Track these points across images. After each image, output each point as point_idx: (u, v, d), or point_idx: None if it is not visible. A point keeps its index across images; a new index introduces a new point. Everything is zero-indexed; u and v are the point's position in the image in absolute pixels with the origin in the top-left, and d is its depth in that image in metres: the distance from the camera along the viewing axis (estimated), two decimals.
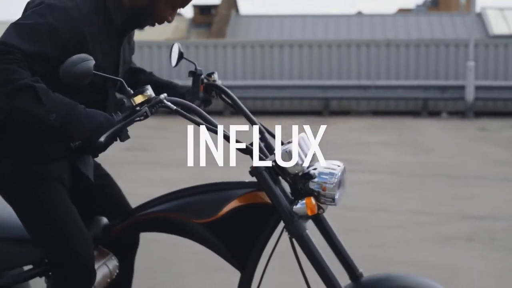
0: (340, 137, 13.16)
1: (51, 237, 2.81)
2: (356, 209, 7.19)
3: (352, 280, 2.86)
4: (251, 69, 18.42)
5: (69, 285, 2.80)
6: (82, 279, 2.81)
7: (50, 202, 2.82)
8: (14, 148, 2.80)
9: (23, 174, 2.80)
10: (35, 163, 2.80)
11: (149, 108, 2.54)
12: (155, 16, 2.81)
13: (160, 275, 5.07)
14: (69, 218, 2.83)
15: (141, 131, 14.37)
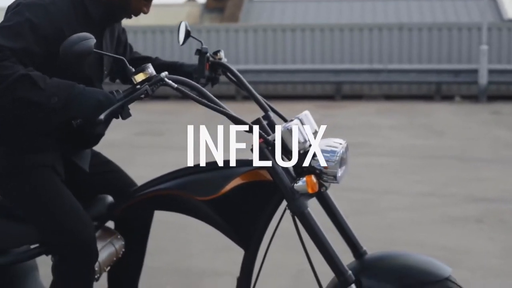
0: (351, 120, 13.14)
1: (48, 222, 2.85)
2: (365, 192, 7.20)
3: (355, 258, 2.87)
4: (263, 54, 18.38)
5: (71, 265, 2.84)
6: (83, 258, 2.84)
7: (43, 188, 2.86)
8: (6, 142, 2.85)
9: (13, 166, 2.86)
10: (24, 153, 2.85)
11: (150, 86, 2.56)
12: (130, 9, 2.87)
13: (167, 256, 5.10)
14: (65, 201, 2.87)
15: (154, 116, 14.50)
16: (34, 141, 2.86)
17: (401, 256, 2.79)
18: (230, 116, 2.64)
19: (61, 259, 2.85)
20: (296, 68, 17.86)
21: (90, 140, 3.02)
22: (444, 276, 2.68)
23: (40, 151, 2.87)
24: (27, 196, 2.86)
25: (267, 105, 3.00)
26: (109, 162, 3.26)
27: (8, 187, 2.89)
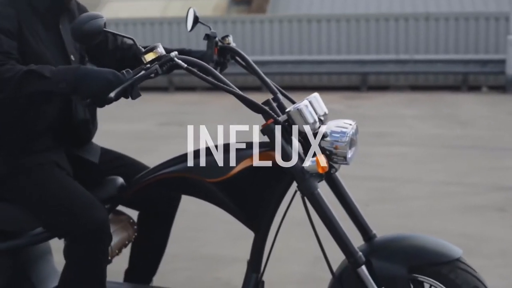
0: (375, 111, 13.07)
1: (59, 213, 2.87)
2: (386, 180, 7.19)
3: (365, 241, 2.88)
4: (288, 44, 18.31)
5: (84, 248, 2.86)
6: (97, 241, 2.86)
7: (48, 183, 2.90)
8: (3, 147, 2.91)
9: (16, 168, 2.90)
10: (24, 156, 2.90)
11: (160, 66, 2.58)
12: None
13: (186, 242, 5.13)
14: (72, 191, 2.91)
15: (180, 106, 14.52)
16: (32, 143, 2.91)
17: (412, 238, 2.79)
18: (239, 96, 2.65)
19: (74, 243, 2.88)
20: (322, 59, 17.76)
21: (83, 134, 3.05)
22: (455, 257, 2.68)
23: (39, 151, 2.93)
24: (33, 194, 2.90)
25: (277, 89, 3.00)
26: (121, 157, 3.30)
27: (12, 190, 2.94)
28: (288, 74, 17.46)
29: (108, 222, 2.90)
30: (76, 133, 3.00)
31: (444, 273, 2.65)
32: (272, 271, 4.46)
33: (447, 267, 2.65)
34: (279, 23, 18.35)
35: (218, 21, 18.38)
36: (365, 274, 2.65)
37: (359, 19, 18.06)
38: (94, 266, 2.89)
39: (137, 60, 2.66)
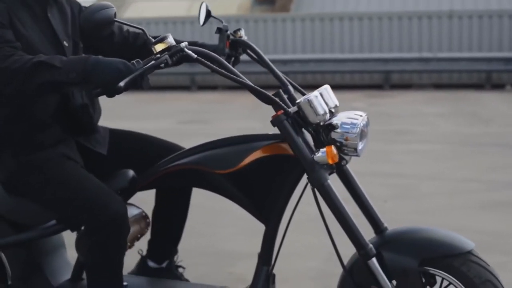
0: (398, 109, 13.02)
1: (75, 206, 2.87)
2: (406, 177, 7.16)
3: (377, 234, 2.85)
4: (310, 43, 18.28)
5: (102, 239, 2.85)
6: (115, 232, 2.86)
7: (61, 176, 2.90)
8: (11, 143, 2.92)
9: (26, 165, 2.91)
10: (32, 152, 2.91)
11: (170, 56, 2.57)
12: None
13: (202, 238, 5.14)
14: (88, 182, 2.91)
15: (202, 105, 14.56)
16: (41, 136, 2.92)
17: (423, 231, 2.76)
18: (249, 87, 2.64)
19: (93, 235, 2.87)
20: (344, 57, 17.73)
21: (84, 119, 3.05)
22: (467, 249, 2.64)
23: (50, 145, 2.94)
24: (46, 189, 2.91)
25: (288, 81, 2.99)
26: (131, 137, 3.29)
27: (25, 186, 2.95)
28: (310, 72, 17.44)
29: (126, 213, 2.90)
30: (77, 119, 3.00)
31: (456, 266, 2.61)
32: (287, 267, 4.47)
33: (459, 259, 2.62)
34: (301, 21, 18.32)
35: (241, 20, 18.40)
36: (375, 267, 2.63)
37: (382, 17, 17.99)
38: (112, 257, 2.89)
39: (147, 51, 2.66)
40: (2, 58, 2.59)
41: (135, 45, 3.20)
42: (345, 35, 18.13)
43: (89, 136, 3.11)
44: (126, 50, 3.18)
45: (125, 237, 2.91)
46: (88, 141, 3.10)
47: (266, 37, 18.25)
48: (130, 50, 3.17)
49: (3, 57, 2.59)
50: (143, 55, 2.67)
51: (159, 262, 3.39)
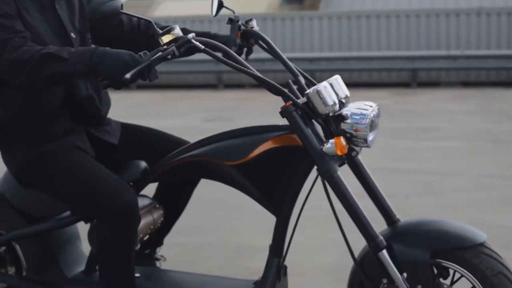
0: (424, 106, 12.93)
1: (87, 197, 2.89)
2: (429, 173, 7.12)
3: (388, 226, 2.82)
4: (337, 41, 18.21)
5: (113, 230, 2.87)
6: (126, 222, 2.87)
7: (73, 167, 2.92)
8: (22, 135, 2.93)
9: (37, 157, 2.93)
10: (42, 144, 2.93)
11: (177, 47, 2.57)
12: None
13: (220, 232, 5.15)
14: (99, 173, 2.92)
15: (227, 103, 14.57)
16: (51, 127, 2.94)
17: (435, 222, 2.73)
18: (258, 78, 2.63)
19: (103, 226, 2.89)
20: (371, 55, 17.65)
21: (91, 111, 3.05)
22: (479, 241, 2.61)
23: (60, 136, 2.95)
24: (58, 181, 2.93)
25: (299, 72, 2.97)
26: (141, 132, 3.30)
27: (38, 178, 2.97)
28: (337, 70, 17.21)
29: (137, 203, 2.91)
30: (84, 110, 3.01)
31: (467, 258, 2.58)
32: (304, 261, 4.46)
33: (471, 252, 2.59)
34: (328, 19, 18.27)
35: (268, 18, 18.40)
36: (386, 259, 2.60)
37: (409, 15, 17.89)
38: (123, 249, 2.90)
39: (155, 42, 2.65)
40: (11, 49, 2.60)
41: (147, 34, 3.20)
42: (372, 33, 18.05)
43: (100, 127, 3.12)
44: (136, 40, 3.18)
45: (136, 228, 2.92)
46: (99, 131, 3.11)
47: (293, 35, 18.22)
48: (141, 39, 3.16)
49: (12, 48, 2.60)
50: (155, 44, 2.66)
51: (143, 247, 3.39)
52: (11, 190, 3.12)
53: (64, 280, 3.18)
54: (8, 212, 3.19)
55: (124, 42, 3.09)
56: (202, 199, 6.02)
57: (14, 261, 3.31)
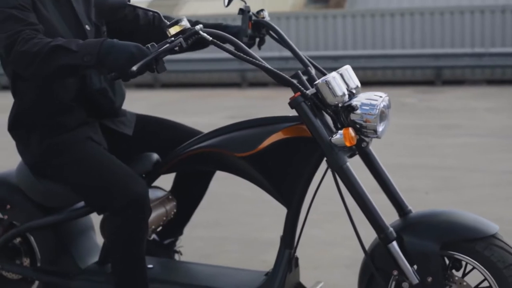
0: (447, 104, 12.84)
1: (98, 188, 2.92)
2: (450, 169, 7.08)
3: (400, 217, 2.81)
4: (361, 39, 18.12)
5: (124, 221, 2.89)
6: (137, 213, 2.89)
7: (86, 158, 2.95)
8: (36, 127, 2.96)
9: (51, 148, 2.96)
10: (56, 135, 2.95)
11: (184, 39, 2.57)
12: None
13: (238, 227, 5.17)
14: (111, 164, 2.95)
15: (249, 101, 14.56)
16: (65, 118, 2.97)
17: (446, 214, 2.71)
18: (266, 69, 2.63)
19: (115, 216, 2.91)
20: (396, 53, 17.52)
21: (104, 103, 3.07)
22: (490, 233, 2.59)
23: (73, 128, 2.97)
24: (71, 172, 2.96)
25: (310, 63, 2.97)
26: (159, 122, 3.32)
27: (51, 169, 3.00)
28: (361, 69, 17.22)
29: (147, 194, 2.93)
30: (97, 103, 3.03)
31: (478, 250, 2.57)
32: (323, 255, 4.47)
33: (482, 243, 2.57)
34: (352, 18, 18.20)
35: (291, 17, 18.38)
36: (396, 250, 2.60)
37: (434, 12, 17.76)
38: (134, 239, 2.92)
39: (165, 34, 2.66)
40: (22, 41, 2.62)
41: (161, 27, 3.21)
42: (397, 30, 17.94)
43: (114, 118, 3.14)
44: (152, 33, 3.20)
45: (147, 219, 2.93)
46: (113, 123, 3.14)
47: (316, 33, 18.18)
48: (156, 33, 3.17)
49: (23, 41, 2.62)
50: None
51: (162, 238, 3.42)
52: (25, 181, 3.15)
53: (77, 271, 3.21)
54: (23, 203, 3.24)
55: (140, 35, 3.10)
56: (221, 195, 6.07)
57: (29, 252, 3.34)
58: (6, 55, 2.68)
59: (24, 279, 3.39)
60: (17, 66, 2.70)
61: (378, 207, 2.62)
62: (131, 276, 2.95)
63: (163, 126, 3.28)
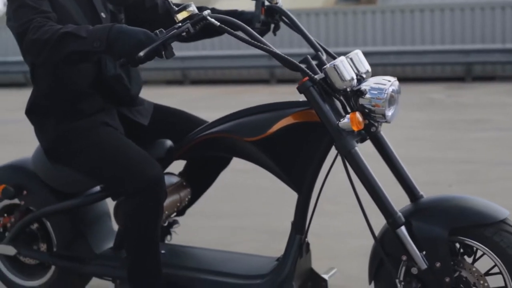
0: (476, 99, 12.73)
1: (115, 171, 2.94)
2: (475, 163, 7.03)
3: (412, 202, 2.80)
4: (391, 35, 18.02)
5: (140, 203, 2.91)
6: (153, 196, 2.91)
7: (102, 143, 2.98)
8: (53, 112, 3.00)
9: (67, 133, 3.00)
10: (72, 121, 2.99)
11: (192, 24, 2.59)
12: None
13: (258, 217, 5.18)
14: (127, 148, 2.98)
15: (275, 96, 14.49)
16: (81, 105, 3.00)
17: (456, 199, 2.70)
18: (275, 54, 2.64)
19: (130, 200, 2.93)
20: (425, 49, 17.41)
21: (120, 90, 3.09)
22: (499, 218, 2.58)
23: (90, 114, 3.01)
24: (86, 157, 2.99)
25: (321, 47, 2.97)
26: (175, 114, 3.35)
27: (67, 154, 3.03)
28: (390, 65, 17.18)
29: (163, 178, 2.95)
30: (112, 89, 3.05)
31: (487, 235, 2.55)
32: (339, 244, 4.47)
33: (491, 229, 2.56)
34: (382, 13, 18.12)
35: (320, 13, 18.34)
36: (404, 235, 2.59)
37: (464, 8, 17.60)
38: (149, 223, 2.94)
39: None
40: (33, 29, 2.65)
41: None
42: (426, 26, 17.81)
43: (132, 107, 3.17)
44: (170, 22, 3.22)
45: (162, 202, 2.95)
46: (130, 112, 3.17)
47: (346, 29, 18.12)
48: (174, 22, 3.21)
49: (35, 29, 2.65)
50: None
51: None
52: (41, 167, 3.20)
53: (92, 256, 3.25)
54: (39, 189, 3.29)
55: (158, 25, 3.13)
56: (243, 186, 6.10)
57: (45, 238, 3.39)
58: (19, 43, 2.73)
59: (41, 264, 3.45)
60: (29, 53, 2.73)
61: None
62: (144, 260, 2.98)
63: (179, 118, 3.31)
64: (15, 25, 2.73)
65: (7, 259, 3.51)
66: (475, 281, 2.60)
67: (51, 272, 3.40)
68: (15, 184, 3.32)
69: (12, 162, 3.47)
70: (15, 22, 2.73)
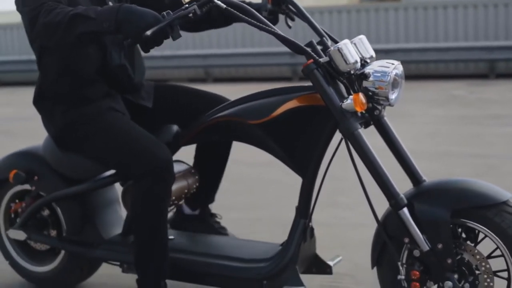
0: (498, 96, 12.61)
1: (124, 155, 2.98)
2: (492, 157, 6.98)
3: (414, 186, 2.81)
4: (414, 32, 17.94)
5: (148, 187, 2.93)
6: (161, 179, 2.94)
7: (110, 127, 3.02)
8: (60, 98, 3.04)
9: (75, 119, 3.04)
10: (79, 107, 3.03)
11: (199, 6, 2.62)
12: None
13: (270, 209, 5.21)
14: (135, 132, 3.01)
15: None
16: (87, 91, 3.04)
17: (459, 182, 2.71)
18: (279, 36, 2.66)
19: (139, 182, 2.96)
20: (448, 46, 17.28)
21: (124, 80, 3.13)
22: (501, 200, 2.58)
23: (96, 100, 3.05)
24: (95, 142, 3.03)
25: (326, 34, 2.98)
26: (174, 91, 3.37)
27: (75, 141, 3.08)
28: (413, 62, 17.07)
29: (172, 160, 2.98)
30: (117, 78, 3.09)
31: (489, 217, 2.56)
32: (350, 234, 4.47)
33: (493, 210, 2.57)
34: (404, 10, 18.04)
35: (343, 10, 18.31)
36: (406, 217, 2.61)
37: (487, 5, 17.47)
38: (156, 207, 2.97)
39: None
40: (44, 13, 2.70)
41: None
42: (449, 23, 17.71)
43: (133, 92, 3.20)
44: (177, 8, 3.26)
45: (170, 186, 2.98)
46: (134, 97, 3.20)
47: (368, 27, 18.06)
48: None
49: (46, 12, 2.70)
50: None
51: (193, 208, 3.45)
52: (51, 154, 3.25)
53: (101, 241, 3.29)
54: (50, 174, 3.33)
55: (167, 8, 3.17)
56: (259, 179, 6.11)
57: (56, 224, 3.44)
58: (31, 27, 2.76)
59: (50, 250, 3.49)
60: (41, 37, 2.76)
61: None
62: (152, 245, 3.00)
63: (185, 95, 3.33)
64: (26, 10, 2.77)
65: (18, 245, 3.56)
66: (477, 264, 2.60)
67: (60, 258, 3.45)
68: (26, 169, 3.38)
69: (24, 149, 3.53)
70: (26, 7, 2.77)
